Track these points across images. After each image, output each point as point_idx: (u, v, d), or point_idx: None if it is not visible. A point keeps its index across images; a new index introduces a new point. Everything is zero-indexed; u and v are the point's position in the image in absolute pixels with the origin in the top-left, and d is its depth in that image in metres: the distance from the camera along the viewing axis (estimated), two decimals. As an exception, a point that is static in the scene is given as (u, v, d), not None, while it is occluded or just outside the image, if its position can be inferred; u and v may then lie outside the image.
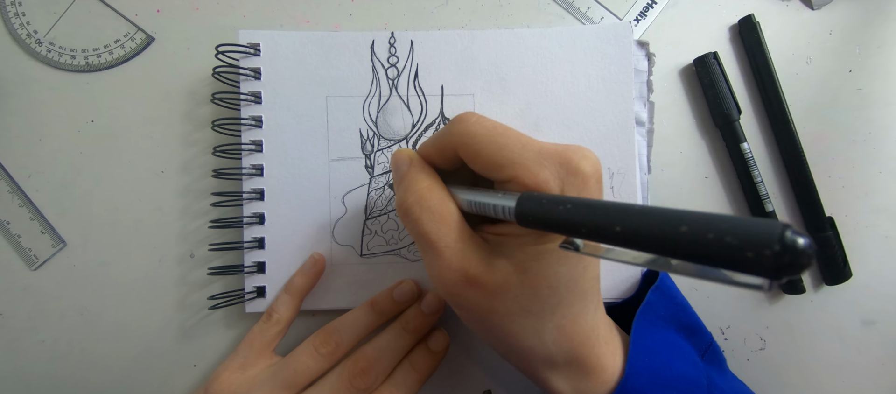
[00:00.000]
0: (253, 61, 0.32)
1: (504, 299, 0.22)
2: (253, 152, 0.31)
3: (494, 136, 0.22)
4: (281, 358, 0.30)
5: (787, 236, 0.12)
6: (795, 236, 0.12)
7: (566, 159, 0.21)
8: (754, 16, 0.33)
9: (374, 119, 0.32)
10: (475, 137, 0.22)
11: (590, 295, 0.24)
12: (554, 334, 0.23)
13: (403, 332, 0.30)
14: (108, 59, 0.33)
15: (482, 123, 0.22)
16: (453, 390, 0.33)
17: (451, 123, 0.23)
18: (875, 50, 0.34)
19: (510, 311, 0.22)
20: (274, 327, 0.30)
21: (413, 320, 0.30)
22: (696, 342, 0.30)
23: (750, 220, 0.12)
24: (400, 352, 0.29)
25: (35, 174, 0.33)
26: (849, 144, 0.33)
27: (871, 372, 0.33)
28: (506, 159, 0.21)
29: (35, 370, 0.32)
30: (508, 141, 0.22)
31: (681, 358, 0.27)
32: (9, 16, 0.33)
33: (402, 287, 0.31)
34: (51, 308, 0.32)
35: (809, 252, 0.12)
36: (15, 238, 0.33)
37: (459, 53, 0.32)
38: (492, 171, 0.22)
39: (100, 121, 0.33)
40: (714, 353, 0.30)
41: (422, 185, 0.23)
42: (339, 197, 0.32)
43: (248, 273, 0.31)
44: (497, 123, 0.23)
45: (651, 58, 0.32)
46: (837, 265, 0.32)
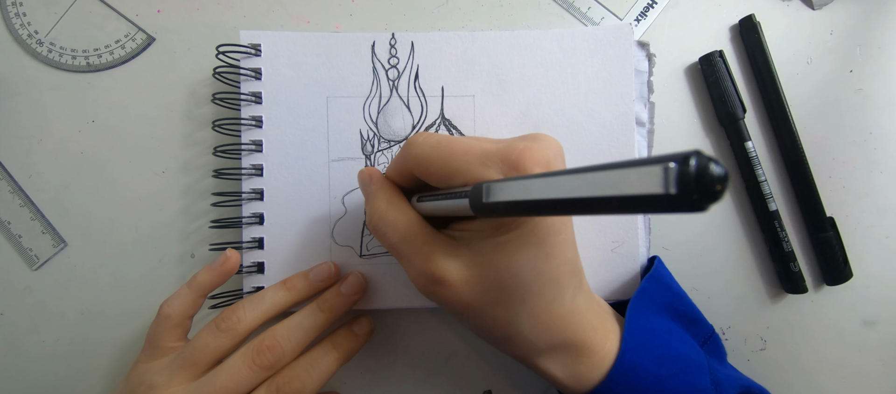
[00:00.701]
0: (254, 61, 0.32)
1: (473, 292, 0.23)
2: (253, 152, 0.31)
3: (439, 150, 0.23)
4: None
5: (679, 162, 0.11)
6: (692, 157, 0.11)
7: (507, 158, 0.21)
8: (755, 16, 0.33)
9: (374, 120, 0.32)
10: (422, 156, 0.23)
11: (561, 280, 0.24)
12: (529, 322, 0.24)
13: (317, 310, 0.29)
14: (108, 59, 0.33)
15: (429, 140, 0.24)
16: (453, 390, 0.33)
17: (403, 147, 0.25)
18: (875, 50, 0.34)
19: (481, 304, 0.23)
20: (163, 322, 0.28)
21: (329, 299, 0.29)
22: (695, 332, 0.30)
23: (645, 158, 0.12)
24: (312, 331, 0.28)
25: (36, 174, 0.33)
26: (849, 145, 0.33)
27: (871, 372, 0.33)
28: (453, 169, 0.22)
29: (35, 370, 0.32)
30: (453, 151, 0.23)
31: (679, 340, 0.27)
32: (9, 16, 0.33)
33: (319, 267, 0.30)
34: (51, 308, 0.32)
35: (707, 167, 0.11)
36: (15, 238, 0.33)
37: (460, 55, 0.32)
38: (445, 182, 0.23)
39: (100, 121, 0.33)
40: (714, 344, 0.30)
41: (381, 201, 0.25)
42: (338, 197, 0.32)
43: (248, 273, 0.31)
44: (443, 136, 0.24)
45: (651, 58, 0.32)
46: (838, 265, 0.32)
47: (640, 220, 0.32)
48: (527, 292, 0.23)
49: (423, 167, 0.24)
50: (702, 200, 0.11)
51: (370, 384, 0.33)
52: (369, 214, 0.25)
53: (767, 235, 0.33)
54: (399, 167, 0.25)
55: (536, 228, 0.22)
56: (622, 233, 0.32)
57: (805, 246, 0.33)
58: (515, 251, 0.22)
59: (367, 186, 0.27)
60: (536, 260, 0.23)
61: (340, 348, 0.29)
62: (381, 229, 0.25)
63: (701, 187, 0.11)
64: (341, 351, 0.29)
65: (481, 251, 0.23)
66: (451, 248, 0.23)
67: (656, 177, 0.12)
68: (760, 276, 0.33)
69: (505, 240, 0.22)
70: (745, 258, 0.33)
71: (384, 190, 0.26)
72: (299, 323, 0.28)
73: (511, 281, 0.23)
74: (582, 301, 0.25)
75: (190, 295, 0.29)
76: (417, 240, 0.24)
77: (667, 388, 0.25)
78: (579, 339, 0.25)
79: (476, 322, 0.25)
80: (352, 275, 0.30)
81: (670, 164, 0.11)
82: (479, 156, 0.22)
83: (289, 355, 0.27)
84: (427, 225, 0.24)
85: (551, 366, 0.25)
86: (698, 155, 0.11)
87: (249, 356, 0.27)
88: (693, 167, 0.11)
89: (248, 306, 0.28)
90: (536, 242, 0.22)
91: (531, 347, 0.24)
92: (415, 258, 0.24)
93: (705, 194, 0.11)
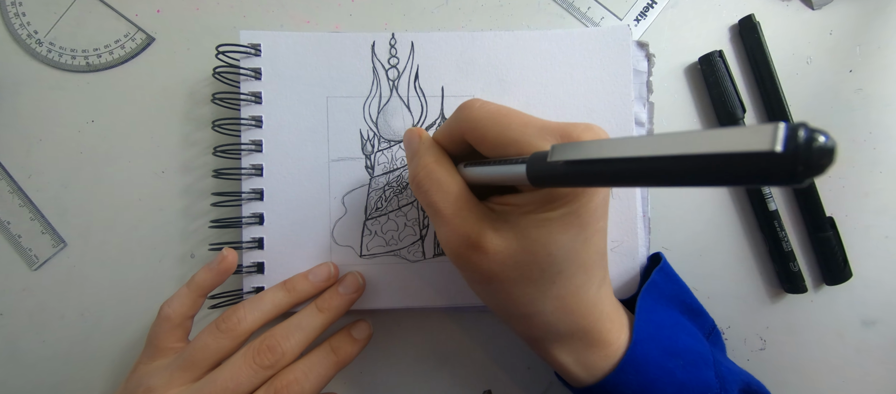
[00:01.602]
0: (254, 61, 0.32)
1: (504, 264, 0.23)
2: (253, 152, 0.31)
3: (498, 118, 0.23)
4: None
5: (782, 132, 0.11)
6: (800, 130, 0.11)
7: (567, 133, 0.22)
8: (754, 16, 0.33)
9: (374, 120, 0.32)
10: (479, 121, 0.23)
11: (593, 269, 0.24)
12: (554, 303, 0.24)
13: (316, 311, 0.29)
14: (108, 59, 0.33)
15: (486, 107, 0.23)
16: (453, 390, 0.33)
17: (457, 111, 0.25)
18: (875, 50, 0.34)
19: (510, 277, 0.23)
20: (163, 323, 0.28)
21: (327, 300, 0.29)
22: (700, 324, 0.30)
23: (745, 127, 0.12)
24: (311, 331, 0.28)
25: (35, 174, 0.33)
26: (849, 144, 0.33)
27: (871, 372, 0.33)
28: (509, 139, 0.22)
29: (35, 370, 0.32)
30: (511, 121, 0.22)
31: (686, 333, 0.28)
32: (9, 16, 0.33)
33: (318, 268, 0.30)
34: (51, 308, 0.32)
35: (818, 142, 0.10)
36: (15, 238, 0.33)
37: (460, 55, 0.32)
38: (497, 151, 0.23)
39: (100, 121, 0.33)
40: (716, 338, 0.31)
41: (430, 159, 0.25)
42: (338, 197, 0.32)
43: (248, 273, 0.31)
44: (501, 106, 0.24)
45: (651, 58, 0.32)
46: (838, 265, 0.32)
47: (639, 220, 0.32)
48: (558, 273, 0.23)
49: (478, 132, 0.23)
50: (807, 171, 0.11)
51: (370, 384, 0.33)
52: (414, 172, 0.25)
53: (767, 235, 0.33)
54: (451, 130, 0.25)
55: (582, 210, 0.22)
56: (622, 233, 0.32)
57: (805, 246, 0.33)
58: (557, 230, 0.22)
59: (415, 144, 0.26)
60: (575, 242, 0.23)
61: (339, 351, 0.29)
62: (424, 186, 0.24)
63: (808, 157, 0.11)
64: (340, 355, 0.29)
65: (521, 225, 0.23)
66: (491, 218, 0.23)
67: (766, 135, 0.11)
68: (760, 276, 0.33)
69: (548, 217, 0.22)
70: (744, 258, 0.33)
71: (434, 149, 0.25)
72: (299, 324, 0.28)
73: (546, 259, 0.22)
74: (605, 293, 0.25)
75: (189, 295, 0.29)
76: (459, 201, 0.24)
77: (674, 380, 0.25)
78: (596, 329, 0.25)
79: (499, 296, 0.24)
80: (350, 275, 0.31)
81: (780, 124, 0.11)
82: (537, 129, 0.22)
83: (289, 356, 0.27)
84: (470, 192, 0.24)
85: (563, 352, 0.25)
86: (806, 126, 0.11)
87: (250, 356, 0.27)
88: (803, 136, 0.11)
89: (249, 307, 0.28)
90: (579, 224, 0.22)
91: (548, 329, 0.24)
92: (455, 219, 0.23)
93: (812, 165, 0.11)
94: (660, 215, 0.33)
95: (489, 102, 0.24)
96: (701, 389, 0.25)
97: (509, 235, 0.23)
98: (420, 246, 0.32)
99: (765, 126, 0.11)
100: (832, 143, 0.11)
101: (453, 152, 0.26)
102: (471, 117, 0.24)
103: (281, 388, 0.27)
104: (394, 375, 0.33)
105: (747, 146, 0.11)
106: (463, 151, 0.25)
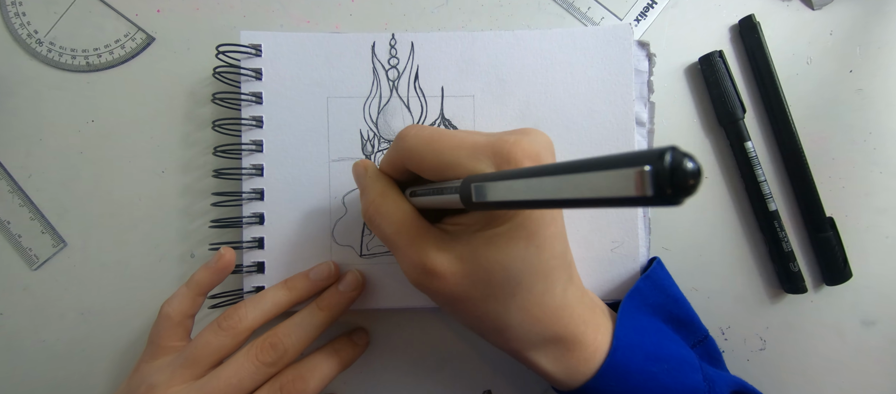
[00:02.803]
0: (254, 62, 0.32)
1: (463, 285, 0.23)
2: (253, 152, 0.31)
3: (431, 143, 0.23)
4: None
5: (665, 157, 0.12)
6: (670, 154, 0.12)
7: (498, 151, 0.22)
8: (755, 16, 0.33)
9: (374, 120, 0.32)
10: (414, 149, 0.24)
11: (552, 274, 0.24)
12: (519, 315, 0.24)
13: (317, 309, 0.29)
14: (108, 59, 0.33)
15: (420, 134, 0.24)
16: (453, 390, 0.33)
17: (395, 140, 0.25)
18: (875, 50, 0.34)
19: (471, 296, 0.23)
20: (163, 321, 0.28)
21: (328, 298, 0.29)
22: (686, 335, 0.30)
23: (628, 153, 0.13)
24: (312, 329, 0.29)
25: (35, 174, 0.33)
26: (849, 145, 0.33)
27: (871, 372, 0.33)
28: (444, 163, 0.23)
29: (35, 370, 0.32)
30: (443, 145, 0.23)
31: (669, 340, 0.27)
32: (9, 16, 0.33)
33: (319, 267, 0.30)
34: (51, 308, 0.32)
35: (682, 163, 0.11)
36: (15, 238, 0.33)
37: (460, 55, 0.32)
38: (438, 175, 0.23)
39: (100, 121, 0.33)
40: (707, 348, 0.30)
41: (375, 193, 0.25)
42: (339, 197, 0.32)
43: (248, 273, 0.31)
44: (434, 129, 0.24)
45: (652, 58, 0.32)
46: (838, 265, 0.32)
47: (640, 220, 0.32)
48: (517, 286, 0.23)
49: (414, 160, 0.24)
50: (676, 196, 0.11)
51: (370, 384, 0.33)
52: (364, 206, 0.26)
53: (767, 235, 0.33)
54: (392, 160, 0.25)
55: (526, 222, 0.22)
56: (622, 233, 0.32)
57: (805, 246, 0.33)
58: (505, 244, 0.22)
59: (362, 178, 0.27)
60: (527, 253, 0.23)
61: (341, 353, 0.30)
62: (375, 221, 0.25)
63: (675, 184, 0.11)
64: (342, 356, 0.30)
65: (472, 245, 0.23)
66: (443, 241, 0.24)
67: (630, 180, 0.12)
68: (760, 276, 0.33)
69: (495, 233, 0.22)
70: (744, 258, 0.33)
71: (379, 182, 0.26)
72: (300, 322, 0.29)
73: (501, 274, 0.23)
74: (572, 295, 0.25)
75: (188, 294, 0.29)
76: (411, 232, 0.24)
77: (658, 384, 0.25)
78: (570, 333, 0.25)
79: (467, 316, 0.25)
80: (349, 273, 0.31)
81: (645, 167, 0.12)
82: (469, 149, 0.22)
83: (291, 353, 0.28)
84: (421, 218, 0.25)
85: (543, 360, 0.25)
86: (673, 152, 0.11)
87: (252, 354, 0.27)
88: (667, 165, 0.11)
89: (250, 306, 0.29)
90: (526, 235, 0.23)
91: (522, 340, 0.24)
92: (407, 250, 0.24)
93: (679, 190, 0.11)
94: (660, 215, 0.33)
95: (424, 127, 0.25)
96: (688, 392, 0.25)
97: (463, 255, 0.23)
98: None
99: (628, 171, 0.12)
100: (697, 166, 0.12)
101: (401, 179, 0.26)
102: (406, 146, 0.24)
103: (285, 384, 0.27)
104: (394, 375, 0.33)
105: (623, 192, 0.12)
106: (409, 177, 0.26)
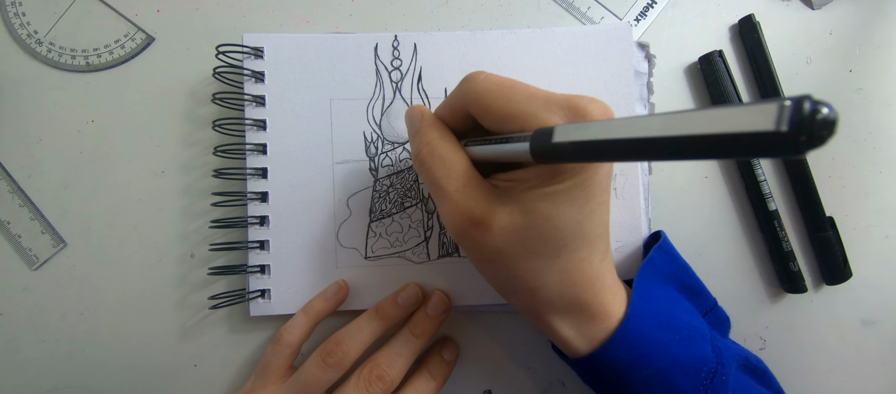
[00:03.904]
0: (257, 64, 0.32)
1: (509, 239, 0.23)
2: (257, 155, 0.31)
3: (502, 90, 0.23)
4: (293, 374, 0.30)
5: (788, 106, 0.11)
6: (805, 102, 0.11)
7: (573, 105, 0.21)
8: (754, 16, 0.33)
9: (377, 122, 0.32)
10: (483, 93, 0.23)
11: (596, 241, 0.24)
12: (558, 276, 0.24)
13: (412, 337, 0.30)
14: (108, 59, 0.33)
15: (491, 79, 0.23)
16: (453, 390, 0.33)
17: (460, 83, 0.24)
18: (875, 50, 0.34)
19: (515, 252, 0.23)
20: (285, 349, 0.30)
21: (420, 325, 0.30)
22: (698, 303, 0.30)
23: (749, 103, 0.12)
24: (410, 357, 0.30)
25: (35, 174, 0.33)
26: (849, 144, 0.33)
27: (871, 372, 0.33)
28: (514, 111, 0.22)
29: (35, 370, 0.32)
30: (516, 94, 0.22)
31: (683, 310, 0.28)
32: (9, 16, 0.33)
33: (406, 292, 0.31)
34: (51, 308, 0.32)
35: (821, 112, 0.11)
36: (15, 238, 0.32)
37: (462, 56, 0.32)
38: (502, 124, 0.22)
39: (100, 121, 0.33)
40: (716, 316, 0.31)
41: (433, 135, 0.25)
42: (343, 200, 0.32)
43: (252, 274, 0.31)
44: (505, 78, 0.23)
45: (651, 59, 0.32)
46: (838, 265, 0.32)
47: (643, 220, 0.32)
48: (563, 246, 0.23)
49: (482, 105, 0.23)
50: (810, 142, 0.11)
51: (370, 384, 0.33)
52: (417, 149, 0.25)
53: (767, 234, 0.33)
54: (453, 105, 0.25)
55: (587, 182, 0.22)
56: (626, 233, 0.32)
57: (805, 246, 0.33)
58: (562, 203, 0.22)
59: (417, 121, 0.26)
60: (580, 215, 0.23)
61: (438, 376, 0.31)
62: (427, 163, 0.24)
63: (812, 129, 0.11)
64: (439, 379, 0.31)
65: (526, 201, 0.22)
66: (495, 194, 0.23)
67: (770, 115, 0.11)
68: (760, 276, 0.33)
69: (553, 190, 0.22)
70: (744, 258, 0.33)
71: (437, 125, 0.25)
72: (399, 351, 0.30)
73: (552, 232, 0.22)
74: (607, 266, 0.25)
75: (307, 322, 0.30)
76: (463, 179, 0.23)
77: (668, 353, 0.25)
78: (598, 302, 0.25)
79: (503, 271, 0.24)
80: (435, 295, 0.31)
81: (786, 102, 0.11)
82: (543, 101, 0.22)
83: (396, 383, 0.29)
84: (474, 168, 0.24)
85: (564, 325, 0.25)
86: (812, 98, 0.11)
87: (364, 386, 0.28)
88: (808, 109, 0.11)
89: (350, 340, 0.29)
90: (584, 196, 0.22)
91: (551, 303, 0.24)
92: (458, 197, 0.23)
93: (815, 137, 0.11)
94: (660, 215, 0.33)
95: (493, 73, 0.24)
96: (697, 363, 0.25)
97: (514, 211, 0.22)
98: (425, 248, 0.32)
99: (768, 105, 0.11)
100: (834, 114, 0.11)
101: (457, 128, 0.26)
102: (475, 90, 0.23)
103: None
104: (394, 375, 0.33)
105: (753, 126, 0.12)
106: (466, 126, 0.25)
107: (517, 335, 0.33)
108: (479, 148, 0.24)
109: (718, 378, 0.25)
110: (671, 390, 0.25)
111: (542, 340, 0.33)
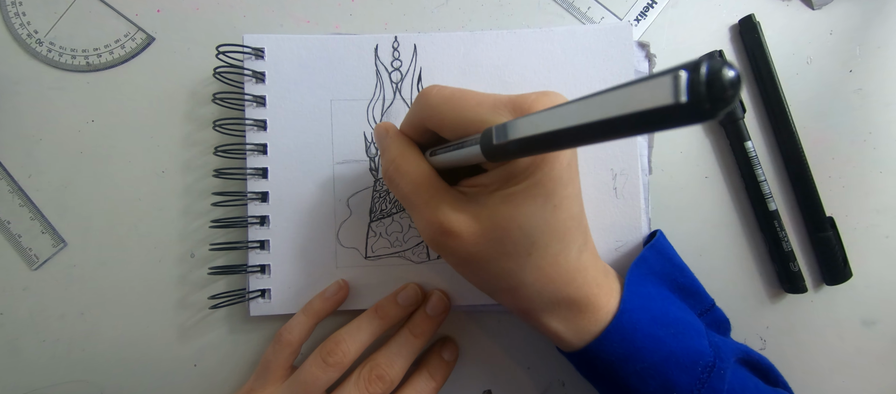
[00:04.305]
0: (257, 64, 0.32)
1: (479, 244, 0.24)
2: (257, 155, 0.31)
3: (453, 101, 0.24)
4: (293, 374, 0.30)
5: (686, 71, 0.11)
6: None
7: (517, 104, 0.22)
8: (755, 16, 0.33)
9: (378, 122, 0.32)
10: (436, 107, 0.24)
11: (567, 236, 0.24)
12: (534, 274, 0.24)
13: (411, 337, 0.30)
14: (108, 59, 0.33)
15: (442, 92, 0.24)
16: (453, 390, 0.33)
17: (416, 99, 0.25)
18: (875, 50, 0.34)
19: (488, 256, 0.24)
20: (285, 349, 0.30)
21: (420, 325, 0.30)
22: (693, 303, 0.30)
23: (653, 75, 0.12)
24: (410, 357, 0.30)
25: (35, 174, 0.33)
26: (849, 144, 0.33)
27: (871, 372, 0.33)
28: (466, 119, 0.23)
29: (35, 370, 0.32)
30: (465, 102, 0.23)
31: (676, 307, 0.28)
32: (9, 16, 0.33)
33: (406, 292, 0.31)
34: (51, 308, 0.32)
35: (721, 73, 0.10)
36: (15, 238, 0.32)
37: (462, 56, 0.32)
38: (457, 132, 0.23)
39: (100, 121, 0.33)
40: (714, 317, 0.31)
41: (396, 151, 0.26)
42: (343, 200, 0.32)
43: (251, 274, 0.31)
44: (455, 89, 0.24)
45: (652, 59, 0.32)
46: (838, 265, 0.32)
47: (643, 220, 0.32)
48: (533, 245, 0.23)
49: (436, 118, 0.24)
50: (714, 108, 0.11)
51: (371, 384, 0.33)
52: (384, 165, 0.26)
53: (767, 235, 0.33)
54: (412, 120, 0.26)
55: (544, 179, 0.23)
56: (626, 233, 0.32)
57: (805, 246, 0.33)
58: (523, 202, 0.23)
59: (383, 139, 0.27)
60: (544, 212, 0.23)
61: (437, 376, 0.31)
62: (394, 179, 0.25)
63: (712, 93, 0.11)
64: (438, 379, 0.31)
65: (490, 204, 0.23)
66: (460, 201, 0.24)
67: (666, 88, 0.11)
68: (760, 276, 0.33)
69: (513, 192, 0.23)
70: (744, 258, 0.33)
71: (399, 141, 0.26)
72: (398, 351, 0.30)
73: (518, 232, 0.23)
74: (587, 259, 0.25)
75: (307, 322, 0.31)
76: (429, 190, 0.24)
77: (663, 347, 0.25)
78: (583, 295, 0.25)
79: (481, 275, 0.25)
80: (434, 295, 0.31)
81: (680, 72, 0.11)
82: (491, 106, 0.22)
83: (396, 382, 0.29)
84: (439, 178, 0.25)
85: (553, 320, 0.25)
86: (710, 59, 0.11)
87: (362, 386, 0.29)
88: (704, 74, 0.11)
89: (349, 340, 0.29)
90: (544, 193, 0.23)
91: (534, 300, 0.25)
92: (425, 209, 0.24)
93: (717, 101, 0.11)
94: (660, 215, 0.33)
95: (445, 86, 0.25)
96: (693, 356, 0.25)
97: (481, 215, 0.23)
98: (424, 247, 0.32)
99: (664, 78, 0.11)
100: (733, 74, 0.11)
101: (420, 140, 0.27)
102: (428, 105, 0.24)
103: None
104: (394, 375, 0.33)
105: (655, 102, 0.12)
106: (429, 138, 0.26)
107: (517, 335, 0.33)
108: (439, 156, 0.25)
109: (716, 372, 0.25)
110: (667, 383, 0.25)
111: (541, 340, 0.33)
